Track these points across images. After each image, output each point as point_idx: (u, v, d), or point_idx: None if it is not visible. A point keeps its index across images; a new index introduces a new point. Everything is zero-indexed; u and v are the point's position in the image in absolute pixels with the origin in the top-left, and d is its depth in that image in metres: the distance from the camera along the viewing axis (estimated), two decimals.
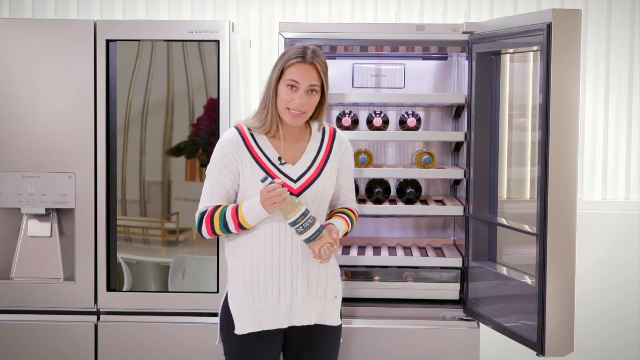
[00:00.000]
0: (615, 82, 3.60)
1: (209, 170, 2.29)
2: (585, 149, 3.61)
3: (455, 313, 2.84)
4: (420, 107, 3.26)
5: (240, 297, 2.26)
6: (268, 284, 2.23)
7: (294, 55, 2.22)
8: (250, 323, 2.25)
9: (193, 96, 2.75)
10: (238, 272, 2.27)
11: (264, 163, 2.24)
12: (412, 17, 3.54)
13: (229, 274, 2.32)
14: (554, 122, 2.36)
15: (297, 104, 2.19)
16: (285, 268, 2.24)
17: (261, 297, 2.24)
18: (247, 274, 2.25)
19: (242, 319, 2.26)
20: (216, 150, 2.27)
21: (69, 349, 2.79)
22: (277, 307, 2.24)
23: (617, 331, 3.62)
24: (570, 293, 2.42)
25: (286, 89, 2.20)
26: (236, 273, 2.28)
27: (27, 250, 2.83)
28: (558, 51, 2.34)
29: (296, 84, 2.19)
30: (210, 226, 2.25)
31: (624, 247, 3.60)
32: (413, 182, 3.04)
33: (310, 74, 2.20)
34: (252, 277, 2.24)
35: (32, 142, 2.76)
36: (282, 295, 2.24)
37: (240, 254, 2.27)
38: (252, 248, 2.25)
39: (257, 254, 2.24)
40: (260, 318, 2.24)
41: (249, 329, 2.25)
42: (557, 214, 2.39)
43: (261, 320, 2.25)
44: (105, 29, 2.73)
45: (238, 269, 2.27)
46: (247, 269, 2.25)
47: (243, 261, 2.26)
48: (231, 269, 2.31)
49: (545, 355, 2.43)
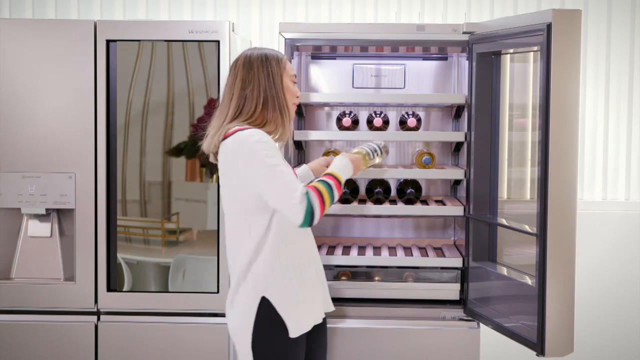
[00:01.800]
0: (615, 82, 3.60)
1: (269, 162, 2.07)
2: (585, 149, 3.61)
3: (455, 313, 2.84)
4: (420, 107, 3.26)
5: (292, 299, 2.17)
6: (313, 279, 2.26)
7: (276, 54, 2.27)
8: (306, 321, 2.21)
9: (193, 96, 2.75)
10: (282, 276, 2.17)
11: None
12: (412, 17, 3.54)
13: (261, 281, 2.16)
14: (554, 122, 2.36)
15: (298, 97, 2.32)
16: (319, 259, 2.33)
17: (310, 292, 2.23)
18: (293, 276, 2.18)
19: (295, 320, 2.18)
20: (262, 144, 2.08)
21: (69, 349, 2.79)
22: (319, 298, 2.29)
23: (617, 331, 3.62)
24: (570, 293, 2.42)
25: (292, 84, 2.28)
26: (278, 277, 2.17)
27: (27, 250, 2.83)
28: (558, 51, 2.34)
29: (295, 78, 2.31)
30: (321, 200, 2.07)
31: (624, 247, 3.60)
32: (413, 182, 3.04)
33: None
34: (302, 274, 2.20)
35: (32, 142, 2.76)
36: (321, 286, 2.32)
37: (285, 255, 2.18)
38: (295, 247, 2.20)
39: (302, 253, 2.22)
40: (312, 313, 2.24)
41: (306, 327, 2.21)
42: (557, 214, 2.39)
43: (314, 314, 2.25)
44: (105, 29, 2.73)
45: (280, 273, 2.17)
46: (295, 270, 2.19)
47: (291, 262, 2.19)
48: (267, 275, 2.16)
49: (545, 355, 2.43)
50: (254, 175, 2.10)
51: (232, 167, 2.15)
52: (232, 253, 2.23)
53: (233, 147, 2.12)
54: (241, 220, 2.18)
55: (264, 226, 2.15)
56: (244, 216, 2.17)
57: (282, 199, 2.07)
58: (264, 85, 2.20)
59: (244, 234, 2.17)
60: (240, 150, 2.10)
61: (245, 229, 2.17)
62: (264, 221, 2.15)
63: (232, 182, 2.16)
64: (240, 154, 2.11)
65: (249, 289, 2.17)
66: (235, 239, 2.21)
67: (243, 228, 2.17)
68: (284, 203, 2.07)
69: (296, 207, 2.05)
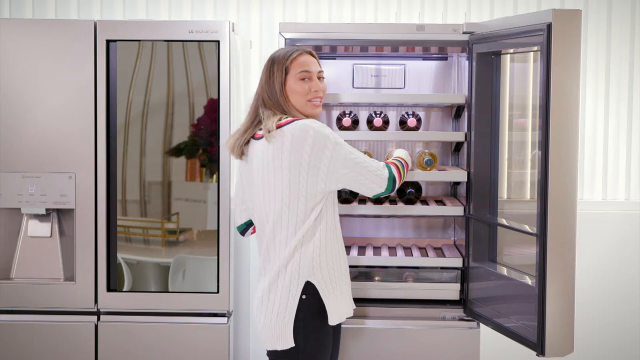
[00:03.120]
0: (615, 82, 3.60)
1: (349, 148, 2.23)
2: (585, 149, 3.61)
3: (455, 313, 2.84)
4: (420, 107, 3.26)
5: (339, 287, 2.29)
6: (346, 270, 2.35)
7: (290, 51, 2.29)
8: (343, 311, 2.31)
9: (193, 96, 2.75)
10: (327, 262, 2.25)
11: None
12: (412, 17, 3.54)
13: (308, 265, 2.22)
14: (554, 122, 2.36)
15: (318, 92, 2.29)
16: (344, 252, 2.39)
17: (347, 285, 2.34)
18: (336, 264, 2.28)
19: (335, 308, 2.27)
20: (331, 132, 2.21)
21: (69, 349, 2.79)
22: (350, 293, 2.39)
23: (617, 331, 3.62)
24: (570, 293, 2.42)
25: (299, 83, 2.26)
26: (323, 263, 2.25)
27: (27, 250, 2.83)
28: (558, 51, 2.34)
29: (307, 73, 2.27)
30: (398, 170, 2.32)
31: (624, 247, 3.60)
32: (413, 182, 3.04)
33: (314, 61, 2.32)
34: (341, 265, 2.30)
35: (32, 142, 2.76)
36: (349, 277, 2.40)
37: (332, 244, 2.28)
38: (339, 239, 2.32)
39: (343, 246, 2.34)
40: (347, 305, 2.34)
41: (342, 317, 2.31)
42: (557, 214, 2.39)
43: (348, 307, 2.35)
44: (105, 29, 2.73)
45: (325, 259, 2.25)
46: (339, 260, 2.30)
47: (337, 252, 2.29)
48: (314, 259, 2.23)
49: (545, 355, 2.43)
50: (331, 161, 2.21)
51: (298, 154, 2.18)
52: (278, 237, 2.25)
53: (300, 134, 2.17)
54: (293, 206, 2.22)
55: (317, 212, 2.23)
56: (303, 202, 2.21)
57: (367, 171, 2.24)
58: (265, 94, 2.29)
59: (298, 219, 2.22)
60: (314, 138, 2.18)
61: (300, 215, 2.22)
62: (319, 208, 2.23)
63: (296, 168, 2.19)
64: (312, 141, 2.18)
65: (292, 273, 2.22)
66: (284, 224, 2.23)
67: (295, 214, 2.22)
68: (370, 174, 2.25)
69: (385, 171, 2.27)
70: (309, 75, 2.27)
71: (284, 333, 2.21)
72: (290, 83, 2.26)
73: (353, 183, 2.24)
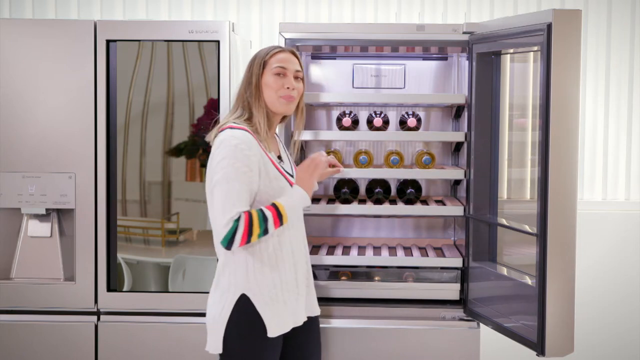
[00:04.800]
0: (615, 82, 3.60)
1: (227, 176, 2.10)
2: (585, 149, 3.61)
3: (455, 313, 2.84)
4: (420, 107, 3.26)
5: (271, 299, 2.19)
6: (290, 281, 2.25)
7: (271, 48, 2.30)
8: (285, 322, 2.23)
9: (193, 96, 2.75)
10: (262, 275, 2.20)
11: (275, 163, 2.25)
12: (412, 17, 3.54)
13: (242, 278, 2.19)
14: (554, 122, 2.36)
15: (289, 89, 2.26)
16: (303, 262, 2.32)
17: (291, 295, 2.25)
18: (275, 275, 2.21)
19: (275, 320, 2.20)
20: (234, 154, 2.11)
21: (69, 349, 2.79)
22: (305, 301, 2.31)
23: (617, 331, 3.62)
24: (570, 293, 2.42)
25: (273, 77, 2.26)
26: (258, 276, 2.19)
27: (27, 250, 2.83)
28: (558, 51, 2.34)
29: (283, 70, 2.26)
30: (248, 231, 2.09)
31: (624, 247, 3.60)
32: (413, 182, 3.04)
33: (294, 60, 2.30)
34: (280, 276, 2.22)
35: (32, 142, 2.76)
36: (305, 289, 2.32)
37: (261, 255, 2.20)
38: (274, 247, 2.22)
39: (282, 253, 2.24)
40: (293, 315, 2.26)
41: (285, 329, 2.23)
42: (557, 214, 2.39)
43: (295, 317, 2.27)
44: (105, 29, 2.73)
45: (260, 272, 2.20)
46: (273, 269, 2.21)
47: (267, 263, 2.21)
48: (248, 272, 2.20)
49: (545, 355, 2.43)
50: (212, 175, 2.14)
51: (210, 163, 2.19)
52: (215, 247, 2.27)
53: (214, 144, 2.19)
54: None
55: None
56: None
57: (215, 213, 2.12)
58: (243, 85, 2.29)
59: None
60: (217, 150, 2.16)
61: None
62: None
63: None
64: (216, 153, 2.16)
65: (229, 284, 2.20)
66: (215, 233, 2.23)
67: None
68: (214, 218, 2.12)
69: (225, 225, 2.08)
70: (284, 71, 2.26)
71: (216, 338, 2.20)
72: (266, 77, 2.26)
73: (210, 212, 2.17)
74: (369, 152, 3.02)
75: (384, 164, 3.10)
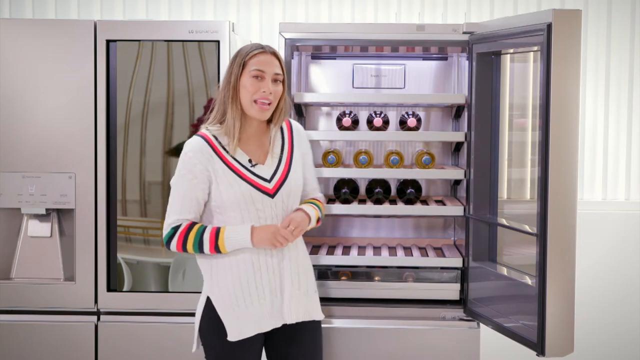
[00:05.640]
0: (615, 82, 3.60)
1: (175, 181, 2.24)
2: (585, 149, 3.61)
3: (455, 313, 2.84)
4: (420, 107, 3.26)
5: (231, 303, 2.22)
6: (258, 287, 2.24)
7: (252, 48, 2.24)
8: (246, 327, 2.23)
9: (193, 96, 2.75)
10: (223, 279, 2.23)
11: (236, 167, 2.23)
12: (412, 17, 3.54)
13: (208, 280, 2.28)
14: (554, 122, 2.36)
15: (265, 93, 2.21)
16: (272, 268, 2.26)
17: (253, 300, 2.23)
18: (235, 280, 2.23)
19: (235, 324, 2.22)
20: (182, 160, 2.23)
21: (69, 349, 2.79)
22: (271, 307, 2.25)
23: (617, 331, 3.62)
24: (570, 293, 2.42)
25: (251, 80, 2.21)
26: (220, 280, 2.24)
27: (27, 250, 2.83)
28: (558, 51, 2.34)
29: (261, 73, 2.21)
30: (182, 242, 2.20)
31: (624, 247, 3.60)
32: (413, 182, 3.04)
33: (274, 62, 2.24)
34: (241, 282, 2.23)
35: (32, 142, 2.76)
36: (273, 296, 2.25)
37: (222, 260, 2.24)
38: (235, 253, 2.23)
39: (242, 259, 2.23)
40: (256, 321, 2.24)
41: (246, 334, 2.23)
42: (557, 214, 2.39)
43: (260, 323, 2.24)
44: (105, 29, 2.73)
45: (221, 276, 2.24)
46: (234, 275, 2.23)
47: (228, 267, 2.23)
48: (212, 276, 2.26)
49: (545, 355, 2.43)
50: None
51: None
52: None
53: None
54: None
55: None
56: None
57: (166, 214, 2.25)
58: (223, 85, 2.26)
59: None
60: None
61: None
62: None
63: None
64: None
65: (204, 287, 2.31)
66: None
67: None
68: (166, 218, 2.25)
69: (165, 229, 2.23)
70: (262, 74, 2.21)
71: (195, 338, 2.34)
72: (244, 79, 2.21)
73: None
74: (369, 152, 3.01)
75: (384, 164, 3.10)
